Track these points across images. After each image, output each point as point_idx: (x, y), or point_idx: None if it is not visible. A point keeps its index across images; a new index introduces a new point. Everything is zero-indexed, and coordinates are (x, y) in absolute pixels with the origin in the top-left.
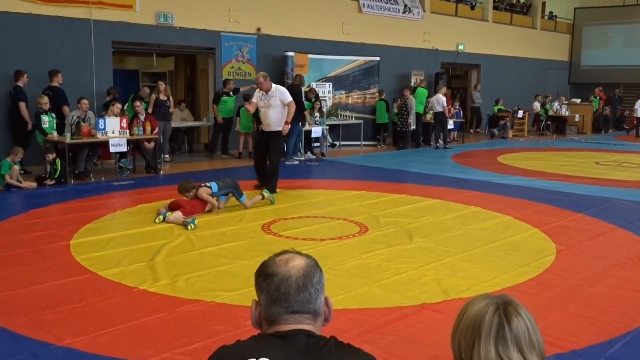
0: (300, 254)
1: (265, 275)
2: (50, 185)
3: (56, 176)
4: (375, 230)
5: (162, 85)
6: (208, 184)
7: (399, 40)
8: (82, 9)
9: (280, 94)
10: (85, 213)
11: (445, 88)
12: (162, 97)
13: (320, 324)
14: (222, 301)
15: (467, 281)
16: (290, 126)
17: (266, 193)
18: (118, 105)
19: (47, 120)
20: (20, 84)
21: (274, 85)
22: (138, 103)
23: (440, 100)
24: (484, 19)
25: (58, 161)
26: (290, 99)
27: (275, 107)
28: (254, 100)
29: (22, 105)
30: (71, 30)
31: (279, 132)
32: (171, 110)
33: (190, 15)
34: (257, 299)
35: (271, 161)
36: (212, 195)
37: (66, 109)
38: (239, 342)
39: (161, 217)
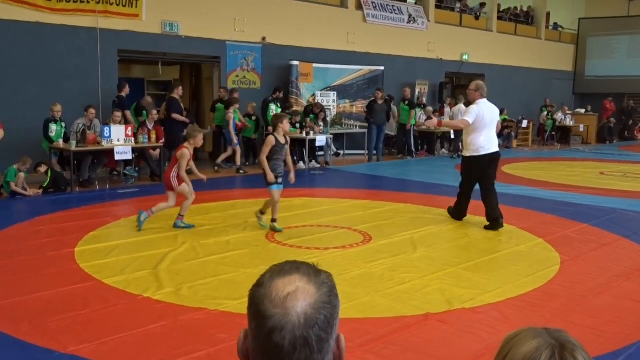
0: (308, 275)
1: (256, 311)
2: (35, 194)
3: (44, 185)
4: (379, 239)
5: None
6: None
7: (404, 49)
8: (88, 17)
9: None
10: (90, 220)
11: (463, 97)
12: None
13: None
14: (225, 309)
15: (470, 291)
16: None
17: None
18: (117, 114)
19: (54, 129)
20: (123, 94)
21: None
22: (155, 111)
23: (463, 110)
24: (488, 29)
25: (49, 172)
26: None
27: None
28: None
29: (177, 116)
30: (77, 39)
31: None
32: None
33: (196, 24)
34: (247, 328)
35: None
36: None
37: (127, 112)
38: None
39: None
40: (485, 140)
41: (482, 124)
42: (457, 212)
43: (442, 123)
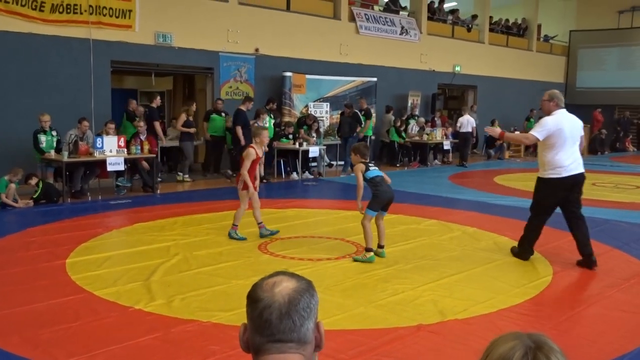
0: (292, 276)
1: (250, 299)
2: (25, 205)
3: (35, 196)
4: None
5: (194, 106)
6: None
7: (396, 61)
8: (81, 28)
9: None
10: (81, 232)
11: (467, 108)
12: (192, 118)
13: (311, 351)
14: (217, 321)
15: (463, 302)
16: None
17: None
18: (111, 125)
19: (44, 140)
20: (154, 105)
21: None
22: (142, 123)
23: (471, 120)
24: (480, 41)
25: (40, 183)
26: None
27: None
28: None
29: (239, 128)
30: (70, 50)
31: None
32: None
33: (189, 35)
34: (246, 322)
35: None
36: (365, 177)
37: (156, 123)
38: None
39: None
40: (567, 159)
41: (560, 140)
42: (524, 249)
43: (505, 135)
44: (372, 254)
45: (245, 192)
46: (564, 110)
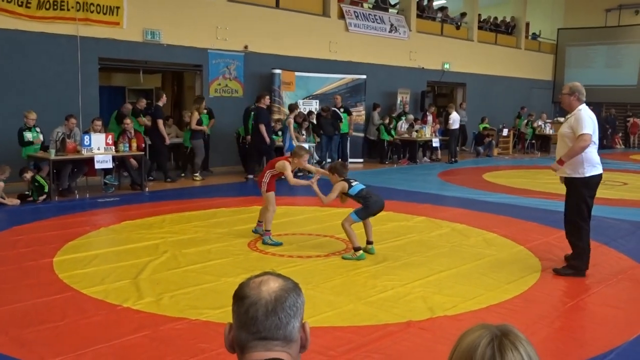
0: (279, 276)
1: (237, 297)
2: (40, 201)
3: (45, 190)
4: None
5: (203, 104)
6: (353, 182)
7: (385, 58)
8: (68, 25)
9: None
10: (69, 230)
11: (453, 105)
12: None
13: (296, 351)
14: (206, 319)
15: (452, 298)
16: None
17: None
18: (97, 122)
19: (30, 137)
20: (160, 103)
21: (578, 107)
22: (128, 121)
23: (457, 118)
24: (469, 39)
25: (38, 177)
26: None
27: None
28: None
29: (262, 127)
30: (58, 47)
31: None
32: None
33: (178, 32)
34: (232, 322)
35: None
36: (350, 194)
37: (160, 121)
38: None
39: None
40: (597, 155)
41: (595, 135)
42: (584, 261)
43: (564, 160)
44: (361, 252)
45: (272, 193)
46: (585, 106)
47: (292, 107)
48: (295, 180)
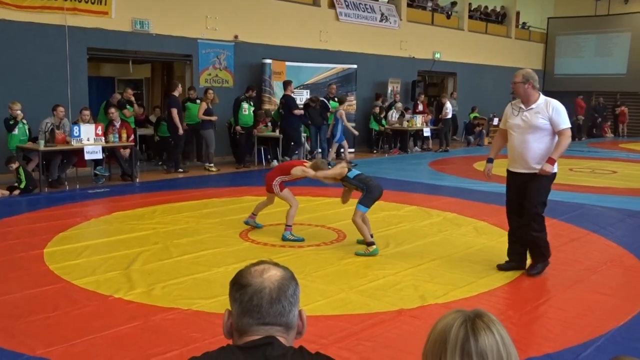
0: (276, 265)
1: (238, 285)
2: (17, 194)
3: (21, 186)
4: (353, 236)
5: (210, 94)
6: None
7: (376, 48)
8: (56, 15)
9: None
10: (59, 221)
11: (446, 95)
12: (211, 105)
13: (293, 337)
14: (198, 309)
15: (443, 286)
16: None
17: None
18: (85, 112)
19: (16, 131)
20: (176, 93)
21: (541, 96)
22: (112, 110)
23: (450, 107)
24: (460, 28)
25: (21, 170)
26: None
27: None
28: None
29: (296, 112)
30: (45, 37)
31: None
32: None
33: (167, 22)
34: (230, 309)
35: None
36: (347, 180)
37: (174, 110)
38: (206, 353)
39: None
40: None
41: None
42: (548, 247)
43: (555, 159)
44: (374, 247)
45: (286, 190)
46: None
47: (342, 99)
48: (322, 173)
